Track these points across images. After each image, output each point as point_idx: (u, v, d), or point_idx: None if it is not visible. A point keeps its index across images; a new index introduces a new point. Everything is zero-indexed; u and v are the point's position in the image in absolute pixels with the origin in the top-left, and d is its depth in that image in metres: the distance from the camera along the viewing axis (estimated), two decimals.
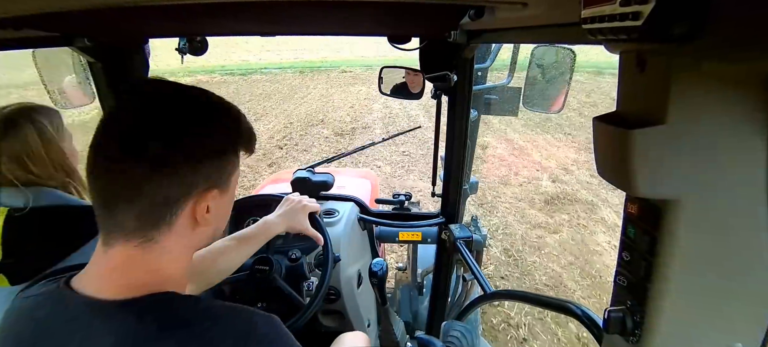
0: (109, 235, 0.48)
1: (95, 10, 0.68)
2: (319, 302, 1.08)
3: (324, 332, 1.31)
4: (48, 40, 0.97)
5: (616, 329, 0.45)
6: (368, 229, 1.58)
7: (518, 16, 0.69)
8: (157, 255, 0.49)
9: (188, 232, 0.51)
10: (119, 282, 0.47)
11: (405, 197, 1.55)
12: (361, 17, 0.88)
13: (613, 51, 0.40)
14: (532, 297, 0.89)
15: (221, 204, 0.54)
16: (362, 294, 1.43)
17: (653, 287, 0.41)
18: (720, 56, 0.31)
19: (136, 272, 0.48)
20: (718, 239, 0.39)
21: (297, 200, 1.11)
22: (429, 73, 1.18)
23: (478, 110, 1.77)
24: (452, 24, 0.93)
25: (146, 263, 0.48)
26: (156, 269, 0.49)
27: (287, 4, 0.73)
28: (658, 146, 0.35)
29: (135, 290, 0.47)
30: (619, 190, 0.40)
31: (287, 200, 1.12)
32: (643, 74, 0.36)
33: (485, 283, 1.07)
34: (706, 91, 0.34)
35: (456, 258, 1.41)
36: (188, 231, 0.51)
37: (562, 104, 1.14)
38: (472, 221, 1.47)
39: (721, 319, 0.42)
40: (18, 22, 0.72)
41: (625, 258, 0.45)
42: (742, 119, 0.35)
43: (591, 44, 0.46)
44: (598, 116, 0.41)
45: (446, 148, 1.36)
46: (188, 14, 0.81)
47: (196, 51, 1.18)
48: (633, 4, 0.30)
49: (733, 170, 0.37)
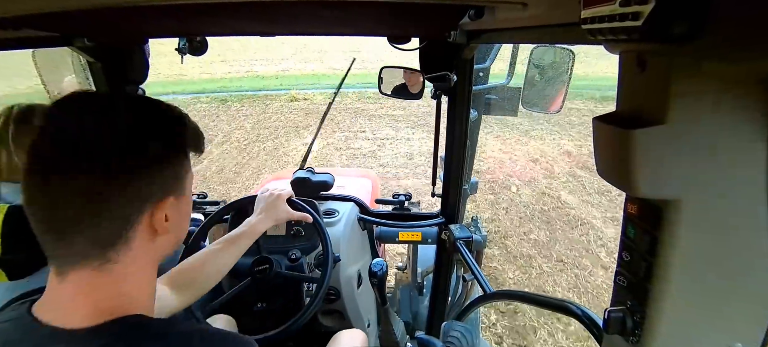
0: (61, 262, 0.44)
1: (95, 10, 0.68)
2: (318, 302, 1.08)
3: (324, 332, 1.31)
4: (48, 40, 0.97)
5: (616, 329, 0.45)
6: (368, 229, 1.58)
7: (518, 17, 0.69)
8: (118, 276, 0.46)
9: (148, 245, 0.48)
10: (82, 309, 0.44)
11: (405, 197, 1.55)
12: (360, 17, 0.88)
13: (613, 51, 0.40)
14: (532, 297, 0.89)
15: (179, 209, 0.51)
16: (362, 294, 1.43)
17: (653, 287, 0.41)
18: (720, 56, 0.31)
19: (97, 296, 0.45)
20: (718, 239, 0.39)
21: (270, 194, 1.11)
22: (429, 73, 1.18)
23: (479, 110, 1.77)
24: (452, 24, 0.93)
25: (107, 285, 0.45)
26: (119, 291, 0.46)
27: (287, 4, 0.73)
28: (658, 146, 0.35)
29: (100, 316, 0.44)
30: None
31: (260, 198, 1.12)
32: (643, 74, 0.36)
33: (485, 283, 1.07)
34: (706, 91, 0.34)
35: (456, 258, 1.41)
36: (148, 244, 0.48)
37: (561, 104, 1.14)
38: (472, 222, 1.47)
39: (721, 319, 0.42)
40: (18, 22, 0.72)
41: (625, 258, 0.45)
42: (742, 119, 0.35)
43: (591, 44, 0.46)
44: (598, 116, 0.41)
45: (446, 148, 1.36)
46: (188, 14, 0.81)
47: (196, 51, 1.18)
48: (633, 4, 0.30)
49: (733, 170, 0.37)
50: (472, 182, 1.81)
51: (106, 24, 0.92)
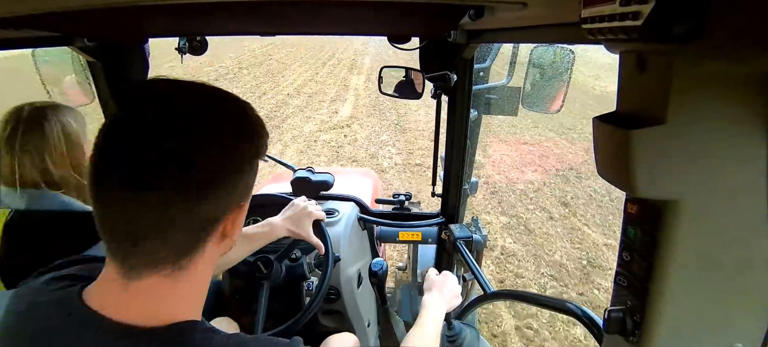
0: (130, 265, 0.42)
1: (95, 9, 0.68)
2: (318, 302, 1.08)
3: (324, 332, 1.31)
4: (48, 40, 0.98)
5: (616, 329, 0.45)
6: (368, 229, 1.58)
7: (518, 16, 0.69)
8: (186, 282, 0.45)
9: (216, 250, 0.47)
10: (143, 309, 0.43)
11: (405, 197, 1.56)
12: (360, 17, 0.88)
13: (613, 51, 0.40)
14: (532, 297, 0.89)
15: (242, 215, 0.50)
16: (362, 294, 1.43)
17: (653, 287, 0.41)
18: (720, 56, 0.31)
19: (163, 301, 0.44)
20: (718, 239, 0.39)
21: (303, 207, 1.08)
22: (429, 73, 1.18)
23: (479, 109, 1.77)
24: (452, 24, 0.93)
25: (175, 290, 0.44)
26: (183, 296, 0.45)
27: (287, 4, 0.73)
28: (658, 146, 0.35)
29: (159, 318, 0.43)
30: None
31: (293, 204, 1.09)
32: (643, 74, 0.36)
33: (485, 283, 1.07)
34: (706, 91, 0.34)
35: (456, 258, 1.41)
36: (216, 249, 0.47)
37: (560, 104, 1.14)
38: (472, 222, 1.47)
39: (721, 319, 0.42)
40: (18, 22, 0.72)
41: (625, 258, 0.45)
42: (742, 119, 0.35)
43: (591, 44, 0.46)
44: (598, 116, 0.41)
45: (446, 148, 1.36)
46: (188, 14, 0.81)
47: (196, 51, 1.19)
48: (633, 4, 0.30)
49: (733, 170, 0.37)
50: (472, 181, 1.81)
51: (106, 24, 0.92)
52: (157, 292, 0.43)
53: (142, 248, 0.41)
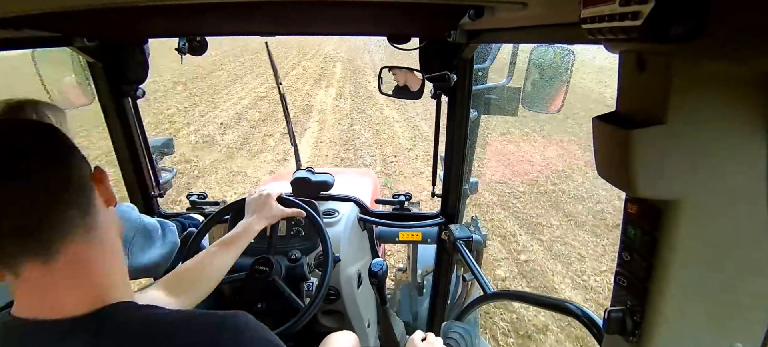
0: (48, 245, 0.44)
1: (95, 10, 0.68)
2: (318, 302, 1.08)
3: (324, 332, 1.31)
4: (48, 40, 0.98)
5: (616, 329, 0.45)
6: (368, 229, 1.58)
7: (518, 16, 0.69)
8: (99, 246, 0.47)
9: (106, 213, 0.50)
10: (67, 296, 0.44)
11: (405, 197, 1.55)
12: (360, 17, 0.88)
13: (613, 51, 0.40)
14: (532, 297, 0.89)
15: (103, 187, 0.52)
16: (362, 294, 1.43)
17: (653, 287, 0.41)
18: (720, 56, 0.31)
19: (84, 277, 0.46)
20: (718, 239, 0.39)
21: (258, 195, 1.11)
22: (429, 73, 1.18)
23: (478, 110, 1.77)
24: (452, 24, 0.93)
25: (94, 260, 0.47)
26: (102, 270, 0.47)
27: (286, 4, 0.73)
28: (657, 146, 0.35)
29: (86, 304, 0.44)
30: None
31: (249, 201, 1.11)
32: (643, 74, 0.36)
33: (485, 283, 1.07)
34: (706, 91, 0.34)
35: (456, 258, 1.41)
36: (106, 212, 0.50)
37: (561, 104, 1.14)
38: (472, 222, 1.47)
39: (721, 319, 0.42)
40: (18, 22, 0.72)
41: (625, 258, 0.45)
42: (742, 119, 0.35)
43: (591, 44, 0.46)
44: (598, 116, 0.41)
45: (446, 148, 1.36)
46: (188, 14, 0.81)
47: (196, 51, 1.19)
48: (632, 4, 0.30)
49: (733, 170, 0.37)
50: (472, 182, 1.81)
51: (105, 24, 0.92)
52: (76, 266, 0.46)
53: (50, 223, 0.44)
